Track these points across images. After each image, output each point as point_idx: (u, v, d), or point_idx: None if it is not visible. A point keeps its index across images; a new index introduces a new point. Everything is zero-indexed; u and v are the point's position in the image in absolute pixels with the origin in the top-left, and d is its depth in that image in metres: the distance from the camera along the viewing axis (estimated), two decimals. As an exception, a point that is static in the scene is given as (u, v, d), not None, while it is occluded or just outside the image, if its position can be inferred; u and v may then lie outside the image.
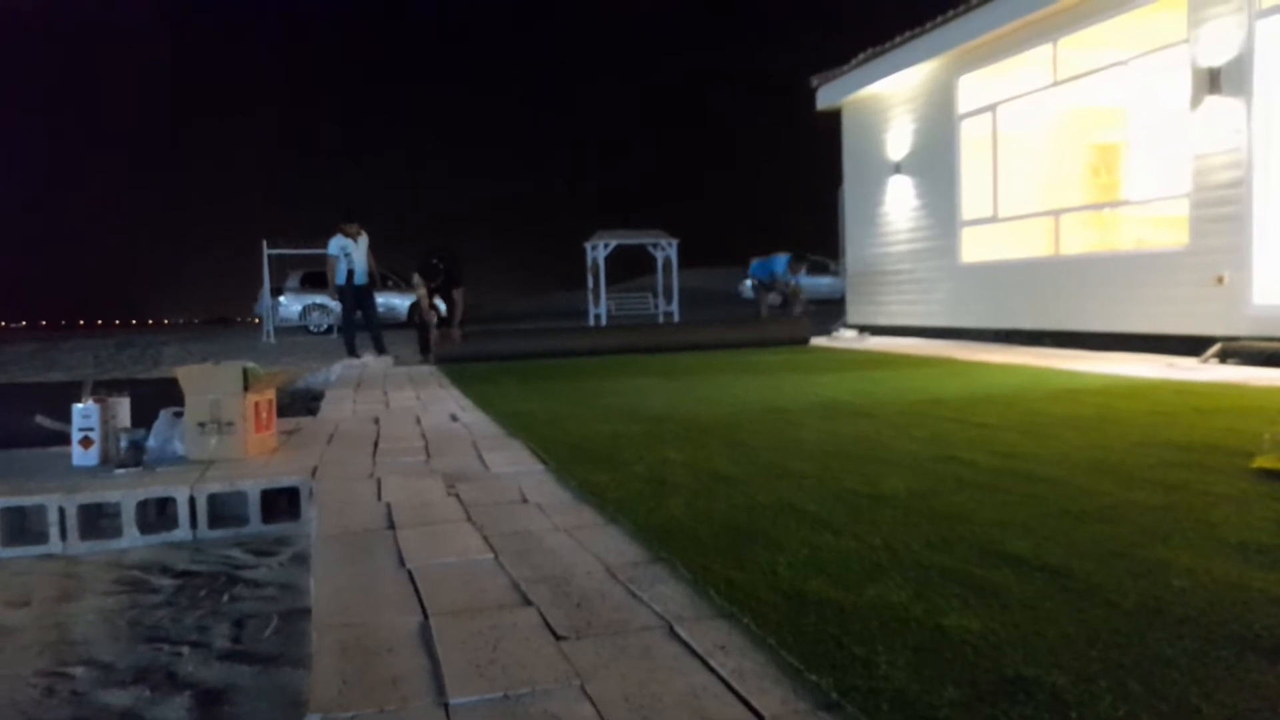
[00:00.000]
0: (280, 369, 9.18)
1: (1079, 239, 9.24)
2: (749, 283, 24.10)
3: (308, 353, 13.08)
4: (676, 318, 19.17)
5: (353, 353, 10.09)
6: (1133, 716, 1.36)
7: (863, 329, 12.33)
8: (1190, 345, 7.22)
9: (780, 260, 12.67)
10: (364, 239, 10.32)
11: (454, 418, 5.11)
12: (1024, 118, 9.84)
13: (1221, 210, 7.09)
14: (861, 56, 11.87)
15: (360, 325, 10.55)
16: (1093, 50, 8.56)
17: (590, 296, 19.22)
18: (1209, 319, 7.16)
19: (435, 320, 9.98)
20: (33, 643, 2.36)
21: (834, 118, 13.09)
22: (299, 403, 6.79)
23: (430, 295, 9.97)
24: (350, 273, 10.24)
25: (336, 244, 10.24)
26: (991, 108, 9.95)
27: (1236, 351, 6.78)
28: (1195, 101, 7.25)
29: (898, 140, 11.60)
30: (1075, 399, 4.96)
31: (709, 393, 5.90)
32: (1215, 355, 6.88)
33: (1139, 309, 7.91)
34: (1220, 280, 7.07)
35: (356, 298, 10.40)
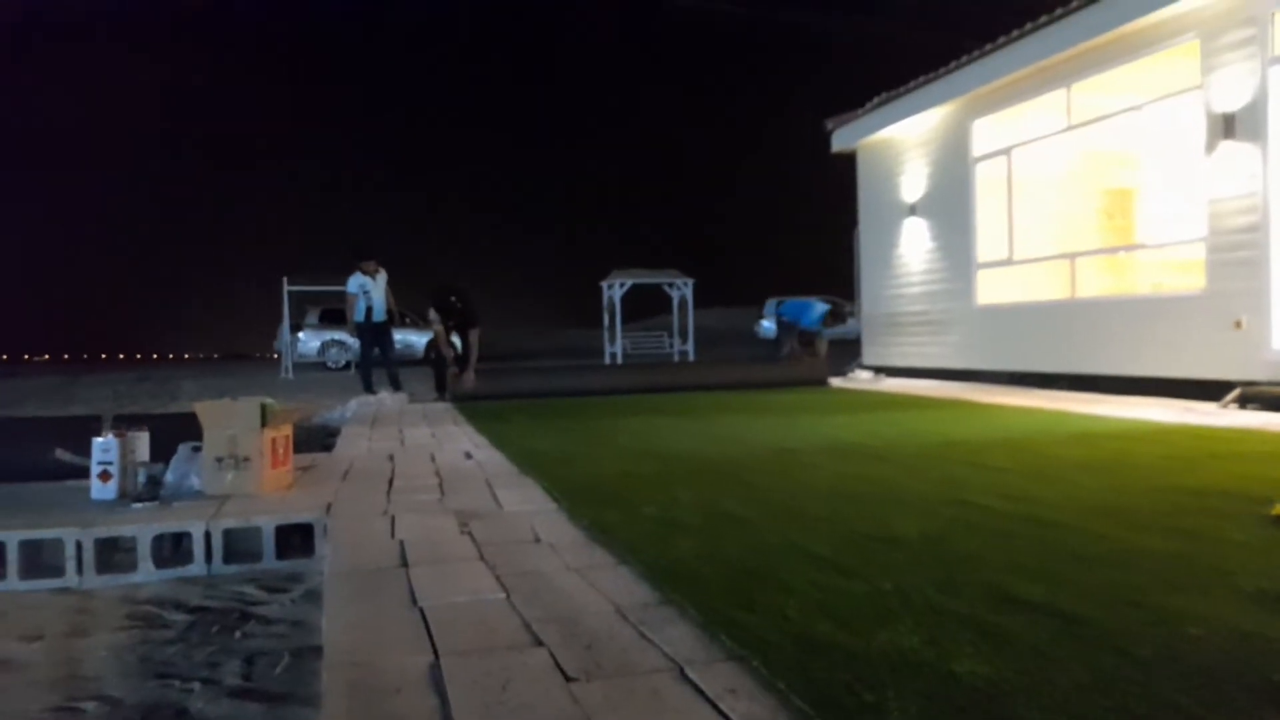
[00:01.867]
0: (296, 405, 9.24)
1: (1095, 282, 9.23)
2: (766, 322, 24.10)
3: (325, 389, 13.15)
4: (691, 356, 19.20)
5: (369, 389, 10.14)
6: (1144, 767, 1.35)
7: (878, 370, 12.30)
8: (1209, 390, 7.17)
9: (817, 310, 11.94)
10: (382, 276, 10.43)
11: (468, 455, 5.13)
12: (1039, 161, 9.88)
13: (1238, 255, 7.08)
14: (876, 100, 11.99)
15: (378, 362, 10.61)
16: (1107, 95, 8.62)
17: (606, 335, 19.29)
18: (1227, 364, 7.12)
19: (451, 358, 9.98)
20: (43, 678, 2.37)
21: (849, 160, 13.19)
22: (315, 439, 6.83)
23: (447, 332, 9.99)
24: (369, 310, 10.32)
25: (355, 282, 10.33)
26: (1006, 151, 10.01)
27: (1256, 397, 6.72)
28: (1210, 147, 7.28)
29: (912, 183, 11.67)
30: (1090, 443, 4.93)
31: (722, 433, 5.90)
32: (1234, 400, 6.83)
33: (1156, 353, 7.87)
34: (1238, 325, 7.04)
35: (374, 335, 10.47)
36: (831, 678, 1.69)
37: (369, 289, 10.29)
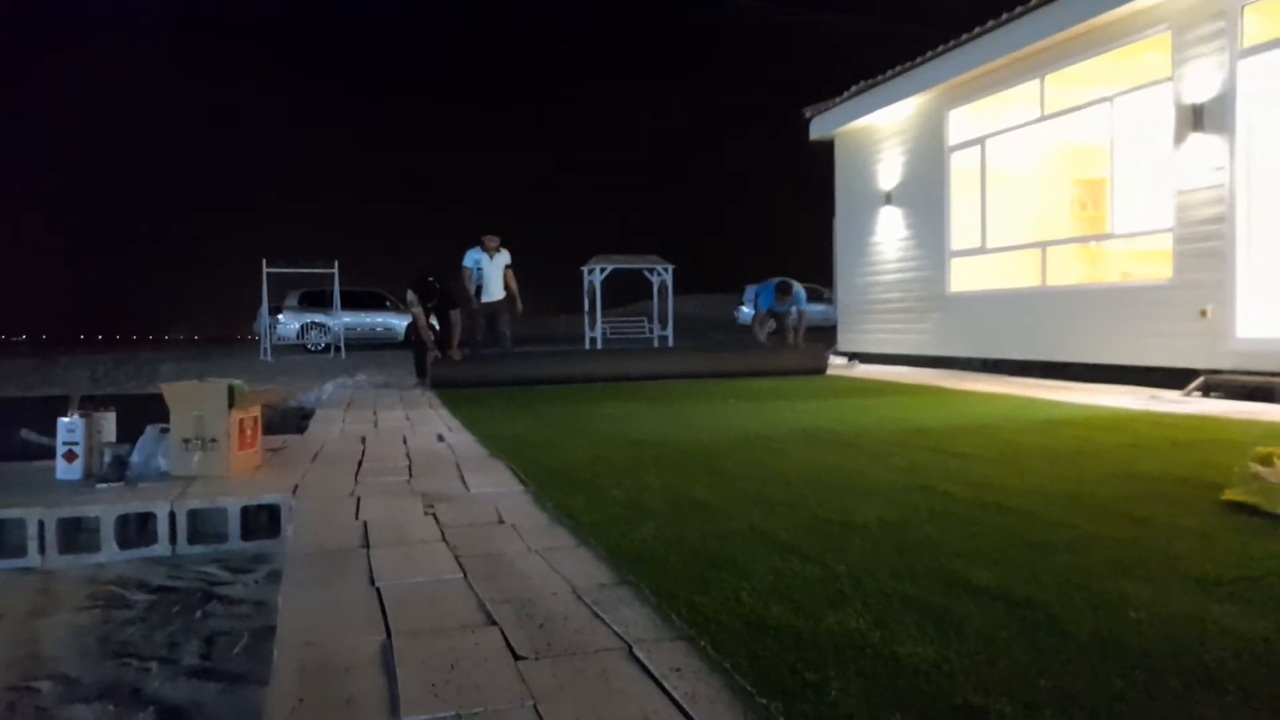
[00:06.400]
0: (269, 388, 9.17)
1: (1065, 271, 9.31)
2: (746, 309, 24.13)
3: (303, 371, 13.03)
4: (671, 342, 19.21)
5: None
6: (1072, 745, 1.38)
7: (852, 356, 12.37)
8: (1175, 378, 7.27)
9: (767, 289, 11.33)
10: (503, 256, 9.94)
11: (440, 439, 5.13)
12: (1012, 151, 9.94)
13: (1204, 245, 7.17)
14: (854, 89, 12.00)
15: (490, 343, 10.12)
16: (1079, 87, 8.68)
17: (586, 320, 19.26)
18: (1193, 352, 7.22)
19: (432, 341, 9.84)
20: (1, 658, 2.37)
21: (828, 148, 13.20)
22: (290, 421, 6.81)
23: (426, 315, 9.82)
24: (479, 288, 9.85)
25: (471, 256, 9.91)
26: (980, 141, 10.06)
27: (1219, 385, 6.83)
28: (1179, 138, 7.35)
29: (889, 171, 11.71)
30: (1054, 431, 5.00)
31: (695, 419, 5.93)
32: (1198, 388, 6.93)
33: (1124, 341, 7.97)
34: (1204, 314, 7.14)
35: (485, 315, 10.02)
36: (777, 658, 1.72)
37: (483, 265, 9.83)
